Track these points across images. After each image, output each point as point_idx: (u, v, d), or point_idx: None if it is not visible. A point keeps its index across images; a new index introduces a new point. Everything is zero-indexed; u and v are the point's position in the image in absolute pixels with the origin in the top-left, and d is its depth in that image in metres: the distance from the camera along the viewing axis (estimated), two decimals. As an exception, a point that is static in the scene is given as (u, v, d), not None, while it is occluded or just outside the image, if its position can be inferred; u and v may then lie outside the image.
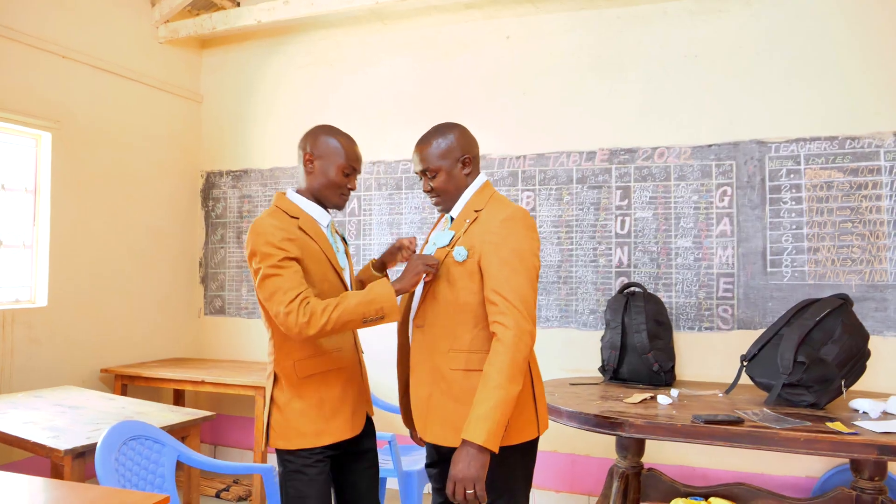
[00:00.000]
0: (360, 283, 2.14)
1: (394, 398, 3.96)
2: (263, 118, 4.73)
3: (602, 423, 2.64)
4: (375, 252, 4.33)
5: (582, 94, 3.89)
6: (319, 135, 1.98)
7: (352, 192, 2.02)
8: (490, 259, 1.78)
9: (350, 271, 2.07)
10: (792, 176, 3.46)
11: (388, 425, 4.13)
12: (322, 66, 4.57)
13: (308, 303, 1.76)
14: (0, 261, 3.71)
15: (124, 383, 4.05)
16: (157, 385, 3.99)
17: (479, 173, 1.98)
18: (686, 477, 3.51)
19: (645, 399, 2.93)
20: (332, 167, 1.95)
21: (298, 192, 2.00)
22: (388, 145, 4.34)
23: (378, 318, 1.80)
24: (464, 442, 1.66)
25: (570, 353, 3.80)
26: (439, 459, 1.98)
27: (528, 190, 3.96)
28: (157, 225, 4.60)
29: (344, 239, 2.10)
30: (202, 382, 3.83)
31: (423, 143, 1.95)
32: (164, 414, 2.91)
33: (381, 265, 2.17)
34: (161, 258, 4.63)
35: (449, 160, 1.92)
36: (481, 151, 3.62)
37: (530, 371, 1.86)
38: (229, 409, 4.71)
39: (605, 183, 3.80)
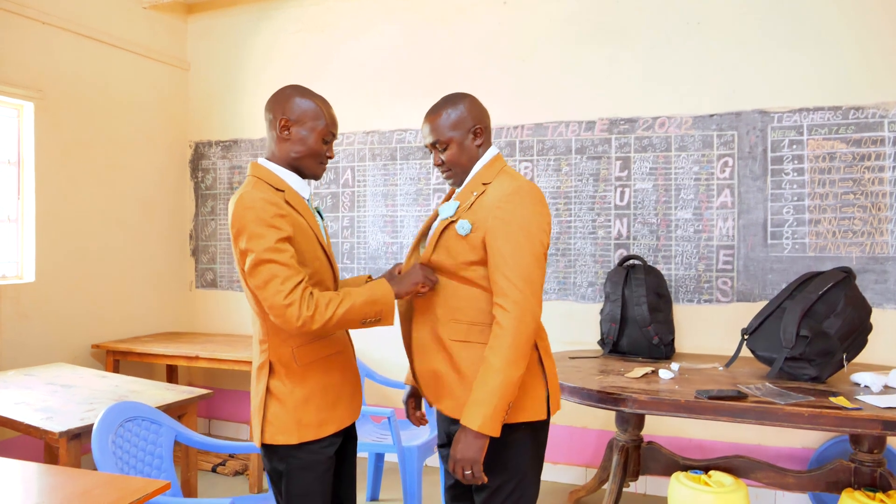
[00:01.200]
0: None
1: (391, 373, 3.95)
2: (253, 87, 4.61)
3: (605, 398, 2.62)
4: (370, 224, 4.26)
5: (581, 62, 3.79)
6: (293, 97, 1.79)
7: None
8: (495, 235, 1.71)
9: (329, 248, 1.91)
10: (794, 147, 3.41)
11: (387, 400, 4.12)
12: (314, 33, 4.43)
13: (312, 294, 1.64)
14: (-15, 235, 3.61)
15: (116, 359, 3.99)
16: (150, 361, 3.94)
17: (490, 145, 1.91)
18: (684, 449, 3.52)
19: (646, 373, 2.91)
20: (311, 134, 1.78)
21: (271, 160, 1.82)
22: (382, 114, 4.23)
23: (375, 321, 1.73)
24: (462, 425, 1.65)
25: (569, 325, 3.78)
26: (449, 441, 1.95)
27: (525, 160, 3.89)
28: (146, 196, 4.50)
29: (320, 212, 1.93)
30: (196, 358, 3.78)
31: (433, 113, 1.85)
32: (160, 392, 2.86)
33: None
34: (150, 231, 4.54)
35: (460, 131, 1.83)
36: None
37: (538, 349, 1.81)
38: (223, 384, 4.67)
39: (605, 153, 3.74)
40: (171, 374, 4.44)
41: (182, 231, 4.82)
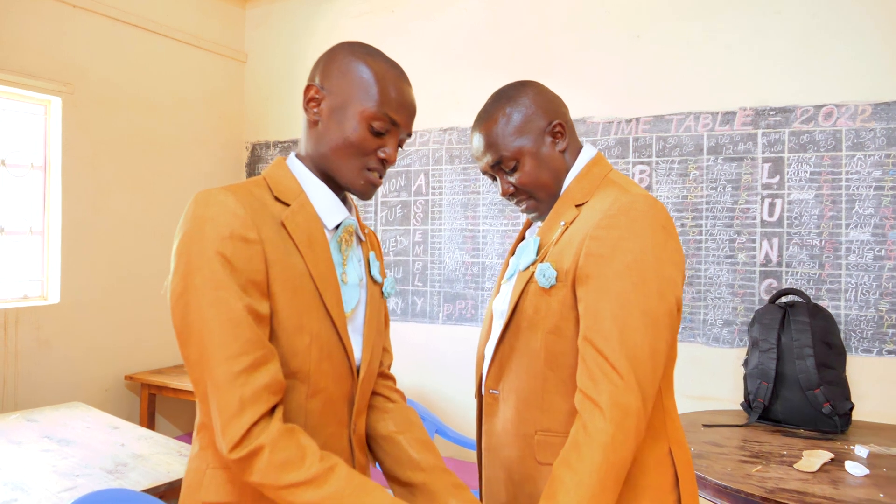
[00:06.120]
0: (415, 479, 1.15)
1: (466, 427, 3.22)
2: (315, 79, 4.01)
3: (774, 509, 1.80)
4: (447, 239, 3.56)
5: (715, 35, 2.98)
6: (341, 56, 1.06)
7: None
8: (587, 281, 1.06)
9: (377, 319, 1.15)
10: None
11: (461, 454, 3.39)
12: (381, 14, 3.80)
13: (274, 413, 0.92)
14: (2, 251, 3.15)
15: (152, 393, 3.47)
16: (185, 398, 3.38)
17: (581, 146, 1.25)
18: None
19: (825, 463, 2.06)
20: (353, 115, 1.03)
21: (299, 157, 1.10)
22: (461, 108, 3.56)
23: None
24: None
25: (696, 375, 2.95)
26: None
27: (641, 163, 3.09)
28: (194, 205, 3.97)
29: (370, 267, 1.17)
30: (236, 398, 3.18)
31: (485, 119, 1.22)
32: (170, 460, 2.24)
33: None
34: (198, 244, 4.02)
35: (531, 135, 1.19)
36: (579, 114, 2.76)
37: (673, 459, 1.12)
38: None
39: (748, 153, 2.90)
40: (218, 409, 3.90)
41: (236, 244, 4.28)
